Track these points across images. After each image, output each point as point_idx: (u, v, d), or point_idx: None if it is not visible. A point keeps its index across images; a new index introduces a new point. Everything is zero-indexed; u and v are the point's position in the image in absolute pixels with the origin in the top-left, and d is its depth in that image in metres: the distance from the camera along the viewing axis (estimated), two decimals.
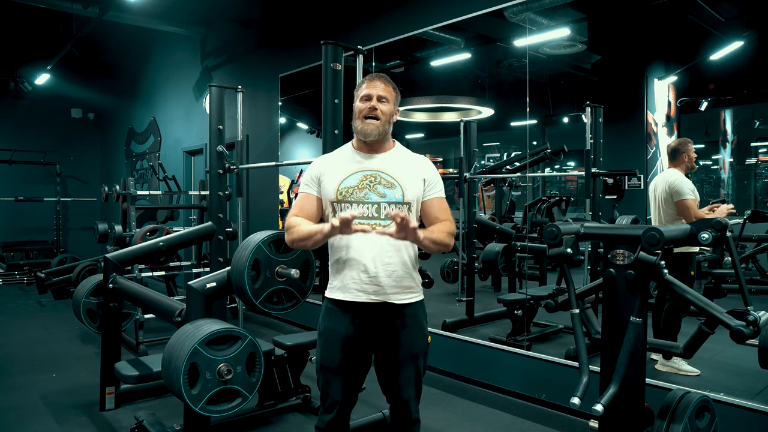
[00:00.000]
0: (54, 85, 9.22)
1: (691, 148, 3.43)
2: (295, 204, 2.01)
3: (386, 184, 1.90)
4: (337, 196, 1.90)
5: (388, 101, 1.93)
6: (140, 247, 3.57)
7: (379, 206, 1.88)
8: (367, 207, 1.88)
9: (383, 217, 1.87)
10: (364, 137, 1.92)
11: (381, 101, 1.92)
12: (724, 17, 3.73)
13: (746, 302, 1.74)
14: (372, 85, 1.93)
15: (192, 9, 6.82)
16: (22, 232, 9.61)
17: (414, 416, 1.99)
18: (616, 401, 1.72)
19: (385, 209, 1.87)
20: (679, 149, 3.43)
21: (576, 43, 4.16)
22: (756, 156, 4.20)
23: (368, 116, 1.91)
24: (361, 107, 1.93)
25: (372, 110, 1.90)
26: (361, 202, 1.88)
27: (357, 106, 1.94)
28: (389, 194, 1.89)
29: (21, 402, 3.52)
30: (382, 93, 1.92)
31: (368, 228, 1.76)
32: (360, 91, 1.95)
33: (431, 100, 5.37)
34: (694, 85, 4.06)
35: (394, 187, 1.90)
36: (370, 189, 1.89)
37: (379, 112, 1.91)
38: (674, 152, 3.45)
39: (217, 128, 4.08)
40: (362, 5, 4.88)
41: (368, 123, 1.91)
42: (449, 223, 1.94)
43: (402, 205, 1.89)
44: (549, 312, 2.13)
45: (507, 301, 4.05)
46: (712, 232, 1.71)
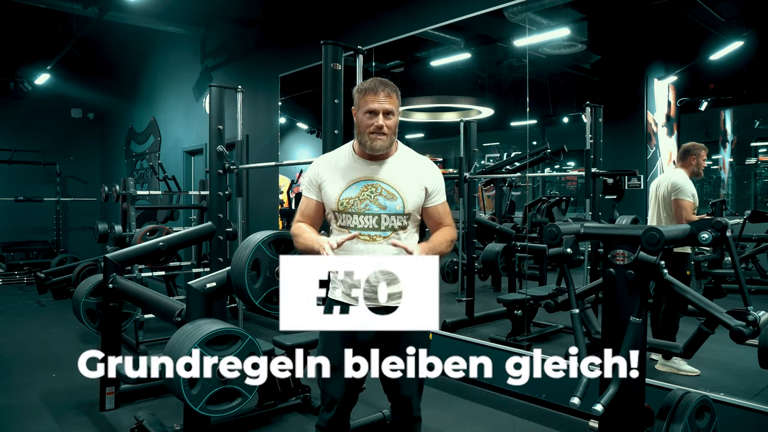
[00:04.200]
0: (54, 85, 9.21)
1: (703, 155, 3.42)
2: (298, 208, 2.03)
3: (387, 196, 1.90)
4: (338, 206, 1.92)
5: (393, 114, 1.89)
6: (140, 247, 3.57)
7: (379, 218, 1.89)
8: (368, 218, 1.89)
9: (383, 228, 1.89)
10: (373, 152, 1.90)
11: (387, 116, 1.87)
12: (724, 17, 3.72)
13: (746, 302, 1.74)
14: (376, 99, 1.86)
15: (192, 9, 6.82)
16: (22, 232, 9.61)
17: (415, 414, 2.00)
18: (616, 401, 1.72)
19: (386, 221, 1.89)
20: (690, 151, 3.43)
21: (576, 43, 4.16)
22: (756, 156, 4.20)
23: (375, 132, 1.87)
24: (367, 123, 1.87)
25: (379, 128, 1.86)
26: (361, 213, 1.89)
27: (362, 121, 1.89)
28: (390, 206, 1.90)
29: (21, 402, 3.52)
30: (387, 107, 1.86)
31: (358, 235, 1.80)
32: (363, 103, 1.88)
33: (431, 100, 5.37)
34: (694, 85, 4.05)
35: (395, 198, 1.90)
36: (370, 200, 1.90)
37: (386, 128, 1.87)
38: (685, 153, 3.45)
39: (217, 128, 4.08)
40: (362, 5, 4.88)
41: (376, 140, 1.87)
42: (451, 229, 1.97)
43: (402, 216, 1.91)
44: (549, 312, 2.14)
45: (507, 301, 4.05)
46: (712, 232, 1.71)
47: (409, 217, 1.94)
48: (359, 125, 1.91)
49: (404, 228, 1.93)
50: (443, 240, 1.93)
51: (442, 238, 1.94)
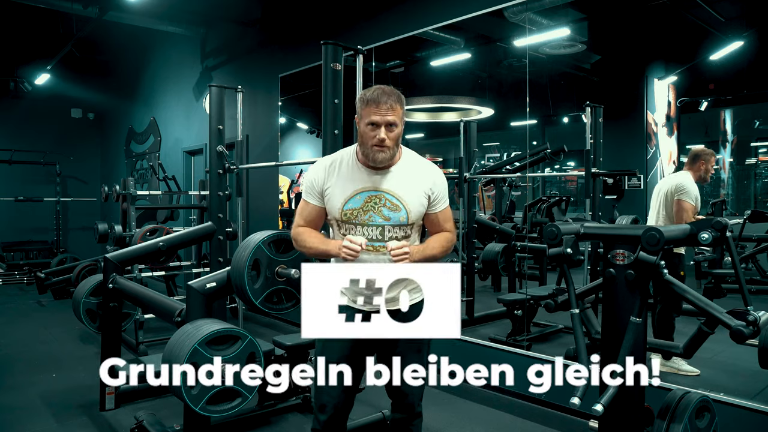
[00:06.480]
0: (54, 85, 9.22)
1: (712, 161, 3.42)
2: (299, 212, 2.00)
3: (391, 207, 1.90)
4: (341, 216, 1.91)
5: (397, 126, 1.85)
6: (140, 247, 3.57)
7: (383, 229, 1.90)
8: (372, 229, 1.90)
9: (387, 239, 1.89)
10: (375, 164, 1.89)
11: (390, 128, 1.84)
12: (724, 17, 3.72)
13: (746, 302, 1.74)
14: (378, 111, 1.82)
15: (192, 9, 6.82)
16: (22, 232, 9.60)
17: (417, 410, 2.00)
18: (616, 401, 1.72)
19: (389, 232, 1.90)
20: (700, 156, 3.43)
21: (576, 43, 4.16)
22: (756, 156, 4.20)
23: (377, 145, 1.84)
24: (369, 135, 1.84)
25: (381, 142, 1.83)
26: (365, 224, 1.90)
27: (364, 132, 1.86)
28: (394, 217, 1.90)
29: (21, 402, 3.52)
30: (390, 119, 1.82)
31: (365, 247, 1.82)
32: (366, 114, 1.85)
33: (431, 100, 5.37)
34: (694, 85, 4.05)
35: (399, 210, 1.90)
36: (374, 211, 1.90)
37: (388, 141, 1.84)
38: (695, 157, 3.45)
39: (217, 128, 4.08)
40: (362, 5, 4.88)
41: (378, 153, 1.85)
42: (449, 235, 1.98)
43: (406, 226, 1.92)
44: (549, 312, 2.13)
45: (507, 301, 4.05)
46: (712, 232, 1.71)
47: (413, 227, 1.95)
48: (362, 136, 1.88)
49: (407, 237, 1.94)
50: (437, 245, 1.93)
51: (436, 243, 1.94)
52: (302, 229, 1.97)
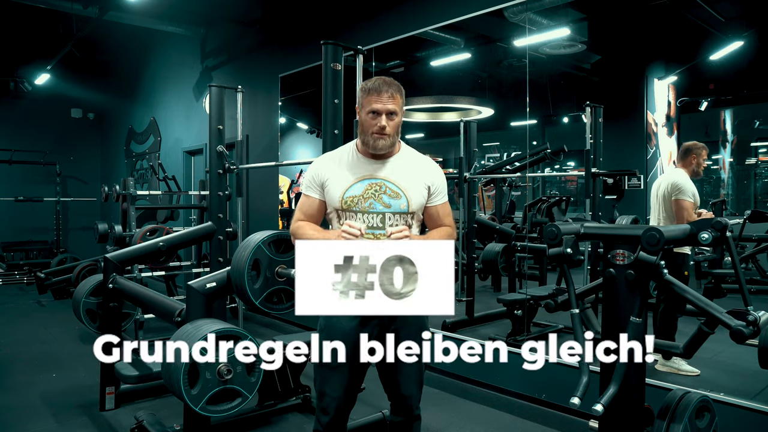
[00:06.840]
0: (54, 85, 9.22)
1: (704, 155, 3.42)
2: (298, 207, 2.02)
3: (392, 194, 1.90)
4: (342, 204, 1.91)
5: (397, 114, 1.89)
6: (140, 247, 3.57)
7: (383, 216, 1.90)
8: (372, 217, 1.89)
9: (387, 227, 1.89)
10: (375, 151, 1.91)
11: (390, 117, 1.88)
12: (724, 17, 3.72)
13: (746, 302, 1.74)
14: (379, 99, 1.86)
15: (192, 9, 6.82)
16: (22, 232, 9.60)
17: (415, 412, 2.00)
18: (616, 401, 1.72)
19: (390, 220, 1.89)
20: (691, 150, 3.42)
21: (576, 43, 4.16)
22: (756, 156, 4.20)
23: (378, 133, 1.88)
24: (370, 123, 1.88)
25: (382, 129, 1.87)
26: (365, 212, 1.89)
27: (365, 120, 1.90)
28: (394, 204, 1.90)
29: (21, 402, 3.52)
30: (390, 107, 1.87)
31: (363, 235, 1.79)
32: (367, 102, 1.89)
33: (431, 100, 5.37)
34: (694, 85, 4.06)
35: (400, 197, 1.91)
36: (375, 199, 1.90)
37: (389, 129, 1.88)
38: (686, 152, 3.44)
39: (217, 128, 4.08)
40: (362, 5, 4.88)
41: (379, 140, 1.88)
42: (449, 230, 1.98)
43: (407, 214, 1.92)
44: (549, 312, 2.13)
45: (507, 301, 4.05)
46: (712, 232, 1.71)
47: (413, 216, 1.95)
48: (362, 124, 1.91)
49: (408, 227, 1.93)
50: (437, 237, 1.94)
51: (437, 235, 1.95)
52: (302, 222, 1.97)
